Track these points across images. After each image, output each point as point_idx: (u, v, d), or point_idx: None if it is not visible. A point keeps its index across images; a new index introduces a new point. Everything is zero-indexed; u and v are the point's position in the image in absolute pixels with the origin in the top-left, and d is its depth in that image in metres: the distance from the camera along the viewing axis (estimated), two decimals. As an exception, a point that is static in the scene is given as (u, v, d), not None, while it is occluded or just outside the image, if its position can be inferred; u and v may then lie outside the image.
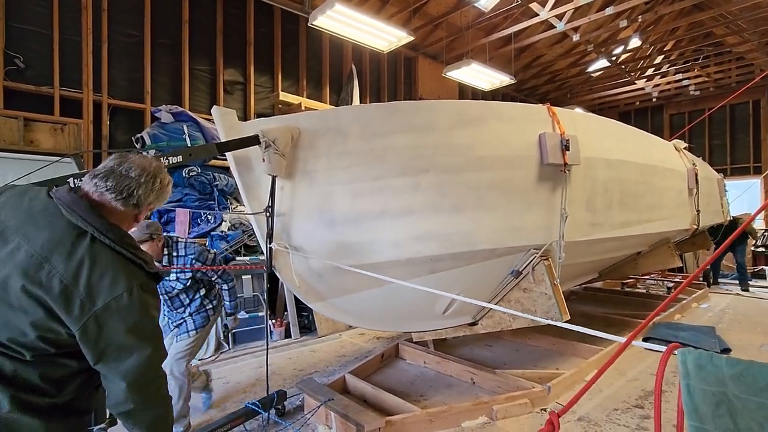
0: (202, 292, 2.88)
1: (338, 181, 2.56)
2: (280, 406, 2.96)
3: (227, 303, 2.97)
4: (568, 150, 2.90)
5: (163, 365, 1.24)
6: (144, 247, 2.51)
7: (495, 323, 3.31)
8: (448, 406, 2.92)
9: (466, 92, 9.29)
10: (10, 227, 1.06)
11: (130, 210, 1.20)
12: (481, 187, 2.76)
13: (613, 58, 9.16)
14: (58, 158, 4.18)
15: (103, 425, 1.75)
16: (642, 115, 12.69)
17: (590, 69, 9.82)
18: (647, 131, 4.51)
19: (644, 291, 7.47)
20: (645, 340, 4.48)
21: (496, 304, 3.20)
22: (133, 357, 1.09)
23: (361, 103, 6.92)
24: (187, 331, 2.79)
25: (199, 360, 4.16)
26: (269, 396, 2.86)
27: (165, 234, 2.78)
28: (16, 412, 1.01)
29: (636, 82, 10.55)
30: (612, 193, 3.51)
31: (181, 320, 2.83)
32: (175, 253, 2.74)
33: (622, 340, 0.93)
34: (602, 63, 9.39)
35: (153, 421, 1.20)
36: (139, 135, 4.61)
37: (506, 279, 3.13)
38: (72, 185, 1.35)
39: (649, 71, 10.37)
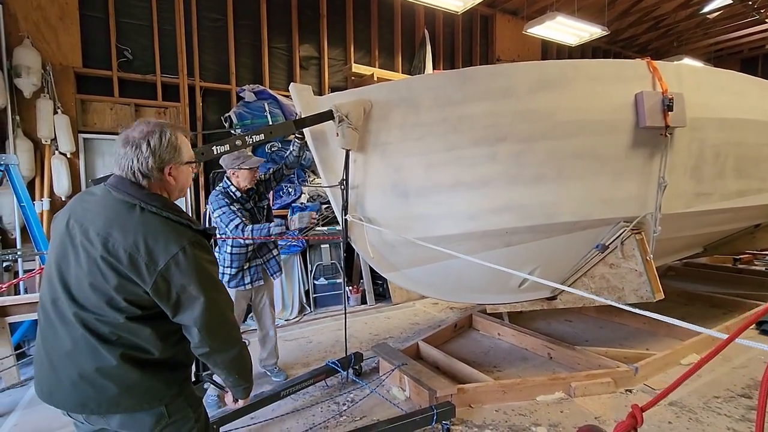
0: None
1: (411, 153, 2.55)
2: (357, 367, 3.16)
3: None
4: (671, 110, 2.55)
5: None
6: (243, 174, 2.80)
7: (576, 299, 3.14)
8: (522, 379, 2.88)
9: (550, 50, 8.50)
10: (81, 219, 1.25)
11: (149, 181, 1.28)
12: (563, 155, 2.56)
13: (737, -6, 7.65)
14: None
15: (209, 371, 2.04)
16: (773, 60, 10.57)
17: (705, 9, 8.33)
18: (779, 80, 3.76)
19: (763, 269, 6.48)
20: (760, 324, 3.95)
21: (578, 279, 3.03)
22: (198, 305, 1.22)
23: (434, 69, 6.70)
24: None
25: (285, 321, 4.57)
26: (347, 357, 3.07)
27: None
28: (123, 366, 1.21)
29: (767, 20, 8.75)
30: (725, 158, 3.04)
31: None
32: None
33: (723, 336, 0.82)
34: (722, 1, 7.91)
35: (229, 361, 1.36)
36: (227, 114, 4.99)
37: (590, 253, 2.92)
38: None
39: (787, 5, 8.51)
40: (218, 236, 2.82)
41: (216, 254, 2.88)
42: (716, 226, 3.68)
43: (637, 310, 1.26)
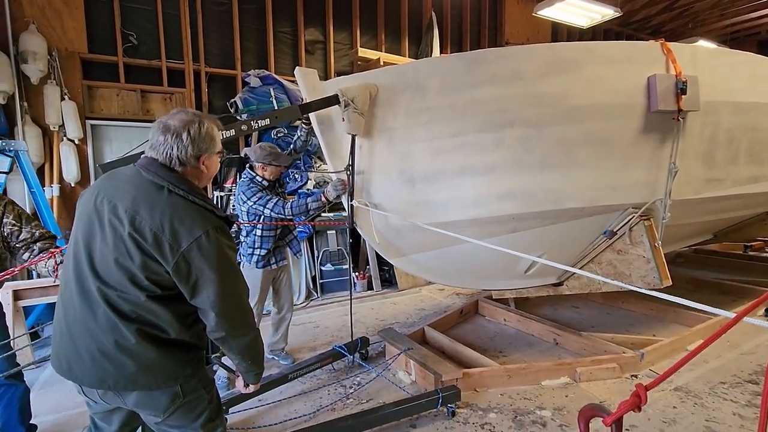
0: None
1: (417, 139, 2.53)
2: (363, 351, 3.20)
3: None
4: (685, 94, 2.49)
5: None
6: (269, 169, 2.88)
7: (582, 285, 3.13)
8: (527, 364, 2.90)
9: (560, 32, 8.30)
10: (110, 197, 1.28)
11: (185, 168, 1.33)
12: (572, 141, 2.53)
13: (756, -28, 7.38)
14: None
15: (218, 354, 2.08)
16: (792, 42, 10.23)
17: (722, -11, 8.06)
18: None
19: (774, 256, 6.39)
20: (768, 311, 3.92)
21: (584, 265, 3.01)
22: (217, 289, 1.25)
23: (441, 53, 6.59)
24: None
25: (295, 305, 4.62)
26: (354, 341, 3.11)
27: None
28: (142, 344, 1.23)
29: (787, 0, 8.44)
30: (738, 143, 2.98)
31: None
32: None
33: (730, 315, 0.81)
34: (740, -20, 7.62)
35: (243, 346, 1.38)
36: (232, 100, 4.96)
37: (598, 239, 2.90)
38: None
39: (808, -16, 8.19)
40: (249, 221, 2.87)
41: (243, 239, 2.96)
42: (727, 213, 3.63)
43: (646, 291, 1.25)
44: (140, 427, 1.84)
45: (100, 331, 1.24)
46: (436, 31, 6.39)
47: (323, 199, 2.66)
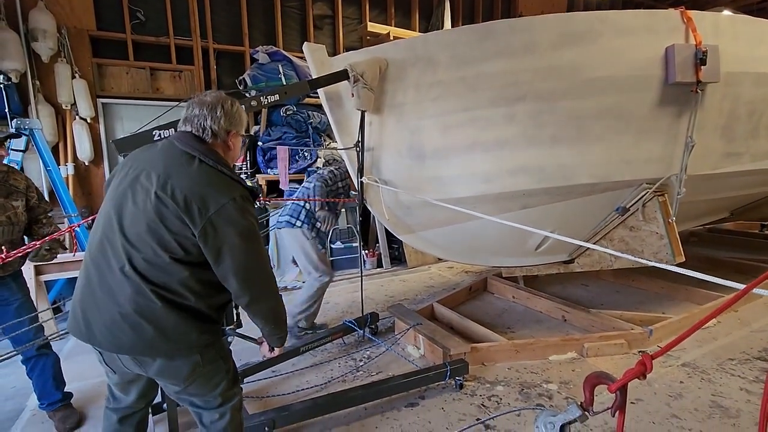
0: None
1: (427, 114, 2.50)
2: (373, 326, 3.26)
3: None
4: (704, 65, 2.40)
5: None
6: None
7: (593, 262, 3.12)
8: (535, 339, 2.93)
9: (577, 4, 8.01)
10: (143, 165, 1.34)
11: (216, 140, 1.42)
12: (585, 115, 2.47)
13: (789, -64, 6.95)
14: (176, 103, 4.72)
15: (232, 326, 2.14)
16: (823, 11, 9.70)
17: (751, -45, 7.63)
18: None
19: (791, 235, 6.26)
20: (783, 290, 3.86)
21: (596, 242, 3.00)
22: (241, 255, 1.29)
23: (452, 27, 6.42)
24: None
25: (302, 283, 4.69)
26: (364, 316, 3.17)
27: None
28: (163, 309, 1.26)
29: (820, -35, 7.97)
30: (760, 116, 2.88)
31: None
32: None
33: (740, 286, 0.80)
34: (770, -56, 7.19)
35: (266, 310, 1.43)
36: (241, 77, 4.94)
37: (610, 216, 2.87)
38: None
39: None
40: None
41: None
42: (746, 189, 3.55)
43: (657, 264, 1.25)
44: (161, 396, 1.93)
45: (122, 295, 1.26)
46: (447, 4, 6.21)
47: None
